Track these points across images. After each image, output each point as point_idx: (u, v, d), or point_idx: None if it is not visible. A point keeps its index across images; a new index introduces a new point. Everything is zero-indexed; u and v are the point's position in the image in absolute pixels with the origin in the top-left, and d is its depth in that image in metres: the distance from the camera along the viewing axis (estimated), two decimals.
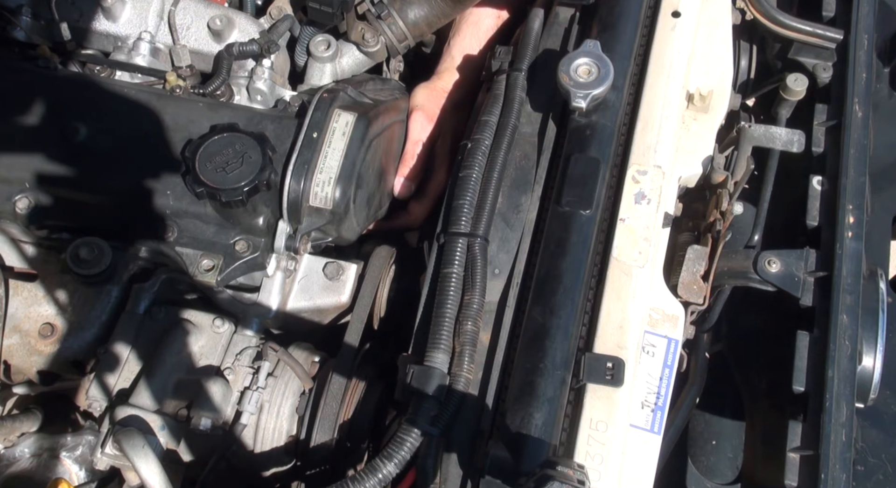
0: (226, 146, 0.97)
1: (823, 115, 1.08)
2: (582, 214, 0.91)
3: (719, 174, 0.99)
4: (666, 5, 1.06)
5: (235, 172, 0.95)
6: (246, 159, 0.96)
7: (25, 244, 1.07)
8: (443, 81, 1.25)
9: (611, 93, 0.96)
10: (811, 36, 1.12)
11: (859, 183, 1.00)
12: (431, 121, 1.21)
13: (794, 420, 0.92)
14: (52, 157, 0.99)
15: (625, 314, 0.87)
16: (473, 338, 0.87)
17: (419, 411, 0.83)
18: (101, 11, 1.17)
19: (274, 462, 1.04)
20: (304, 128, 1.02)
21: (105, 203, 1.01)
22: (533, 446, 0.80)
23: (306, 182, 0.99)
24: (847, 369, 0.90)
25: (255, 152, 0.96)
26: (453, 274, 0.90)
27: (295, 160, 0.99)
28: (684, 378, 1.00)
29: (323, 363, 1.07)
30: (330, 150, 1.01)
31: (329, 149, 1.01)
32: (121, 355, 1.02)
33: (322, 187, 1.00)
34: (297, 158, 0.99)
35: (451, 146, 1.20)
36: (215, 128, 0.99)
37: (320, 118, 1.02)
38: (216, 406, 0.98)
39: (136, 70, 1.14)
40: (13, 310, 1.04)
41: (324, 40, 1.17)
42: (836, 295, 0.93)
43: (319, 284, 1.09)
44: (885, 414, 1.13)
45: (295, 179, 0.99)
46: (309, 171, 0.99)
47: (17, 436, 1.05)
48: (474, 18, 1.28)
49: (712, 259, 0.92)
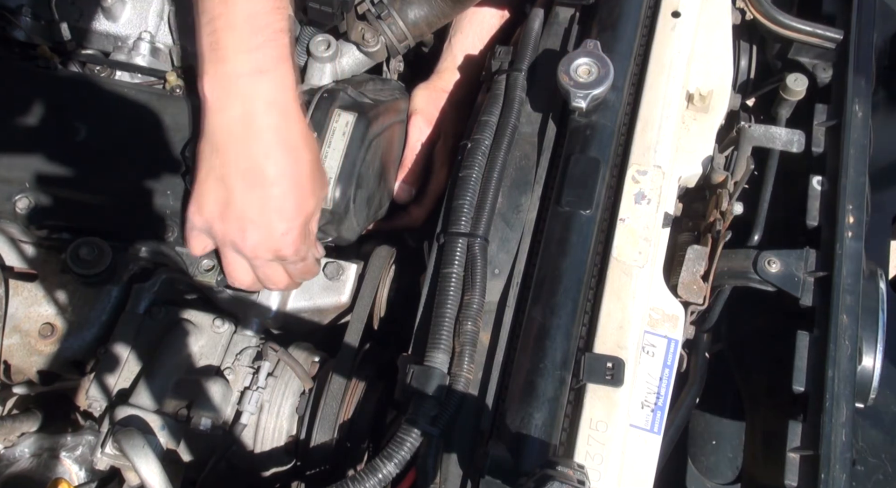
0: None
1: (823, 115, 1.08)
2: (582, 214, 0.91)
3: (719, 174, 0.99)
4: (666, 5, 1.06)
5: None
6: None
7: (25, 244, 1.07)
8: (443, 81, 1.24)
9: (611, 93, 0.96)
10: (811, 36, 1.12)
11: (859, 183, 1.00)
12: (430, 123, 1.20)
13: (794, 420, 0.92)
14: (52, 157, 0.99)
15: (625, 314, 0.87)
16: (473, 338, 0.87)
17: (419, 411, 0.83)
18: (101, 11, 1.17)
19: (274, 462, 1.04)
20: None
21: (105, 203, 1.01)
22: (533, 446, 0.80)
23: None
24: (847, 369, 0.90)
25: None
26: (453, 274, 0.90)
27: None
28: (684, 378, 1.00)
29: (323, 363, 1.07)
30: (330, 151, 1.01)
31: (329, 149, 1.01)
32: (121, 355, 1.02)
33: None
34: None
35: (452, 147, 1.19)
36: None
37: (320, 118, 1.02)
38: (216, 406, 0.98)
39: (136, 70, 1.14)
40: (13, 310, 1.04)
41: (324, 40, 1.17)
42: (836, 295, 0.93)
43: (319, 284, 1.09)
44: (885, 414, 1.13)
45: None
46: None
47: (17, 436, 1.05)
48: (477, 17, 1.27)
49: (712, 259, 0.92)
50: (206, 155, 0.91)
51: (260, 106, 0.88)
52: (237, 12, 0.87)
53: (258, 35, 0.88)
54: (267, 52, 0.88)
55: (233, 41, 0.87)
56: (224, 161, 0.89)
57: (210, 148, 0.90)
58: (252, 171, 0.88)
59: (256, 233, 0.90)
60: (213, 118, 0.89)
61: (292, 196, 0.90)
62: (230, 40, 0.87)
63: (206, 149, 0.90)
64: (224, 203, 0.90)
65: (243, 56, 0.88)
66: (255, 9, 0.87)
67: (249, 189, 0.88)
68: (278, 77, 0.89)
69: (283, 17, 0.90)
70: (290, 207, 0.90)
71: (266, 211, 0.89)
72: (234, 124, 0.88)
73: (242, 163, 0.88)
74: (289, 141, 0.90)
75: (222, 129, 0.89)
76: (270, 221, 0.89)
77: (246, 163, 0.88)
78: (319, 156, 0.95)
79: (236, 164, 0.88)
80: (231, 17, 0.87)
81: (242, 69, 0.88)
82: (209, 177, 0.90)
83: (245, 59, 0.88)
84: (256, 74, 0.88)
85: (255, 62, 0.88)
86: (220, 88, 0.89)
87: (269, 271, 0.95)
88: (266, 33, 0.88)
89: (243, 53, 0.88)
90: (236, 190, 0.89)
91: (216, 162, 0.89)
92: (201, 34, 0.89)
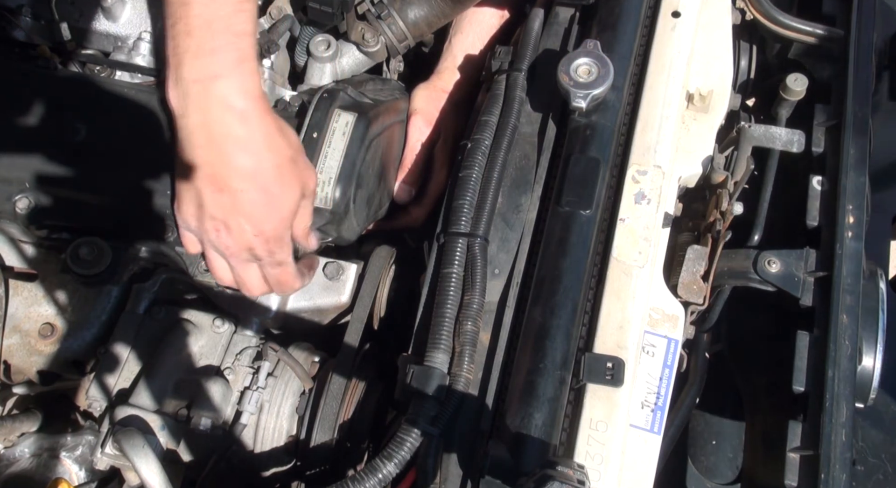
0: None
1: (823, 115, 1.08)
2: (582, 214, 0.91)
3: (719, 174, 0.99)
4: (666, 5, 1.06)
5: None
6: None
7: (25, 244, 1.07)
8: (443, 81, 1.24)
9: (611, 93, 0.96)
10: (811, 36, 1.13)
11: (859, 183, 1.00)
12: (430, 124, 1.20)
13: (794, 420, 0.92)
14: (52, 157, 0.99)
15: (625, 314, 0.87)
16: (473, 338, 0.87)
17: (419, 411, 0.83)
18: (101, 11, 1.17)
19: (274, 462, 1.04)
20: (304, 128, 1.02)
21: (105, 203, 1.01)
22: (533, 446, 0.80)
23: None
24: (847, 369, 0.90)
25: None
26: (453, 274, 0.90)
27: None
28: (684, 378, 1.00)
29: (323, 363, 1.07)
30: (330, 151, 1.01)
31: (329, 149, 1.01)
32: (121, 355, 1.02)
33: (322, 187, 1.00)
34: None
35: (451, 147, 1.19)
36: None
37: (320, 118, 1.02)
38: (216, 406, 0.98)
39: (136, 70, 1.14)
40: (13, 310, 1.04)
41: (324, 40, 1.17)
42: (836, 295, 0.93)
43: (319, 284, 1.09)
44: (885, 414, 1.13)
45: None
46: None
47: (17, 436, 1.05)
48: (477, 17, 1.27)
49: (712, 259, 0.92)
50: (179, 158, 0.92)
51: (216, 113, 0.87)
52: (195, 16, 0.86)
53: (215, 39, 0.86)
54: (223, 56, 0.87)
55: (189, 46, 0.86)
56: (193, 166, 0.89)
57: (181, 152, 0.91)
58: (216, 177, 0.88)
59: (228, 235, 0.91)
60: (177, 124, 0.90)
61: (259, 201, 0.89)
62: (187, 44, 0.87)
63: (178, 154, 0.92)
64: (197, 205, 0.91)
65: (198, 61, 0.87)
66: (213, 12, 0.86)
67: (217, 193, 0.89)
68: (235, 81, 0.87)
69: (244, 20, 0.88)
70: (258, 212, 0.90)
71: (235, 213, 0.89)
72: (195, 130, 0.88)
73: (206, 168, 0.89)
74: (250, 147, 0.88)
75: (185, 136, 0.89)
76: (240, 224, 0.90)
77: (209, 169, 0.89)
78: (291, 153, 0.93)
79: (202, 170, 0.89)
80: (188, 21, 0.86)
81: (198, 74, 0.87)
82: (184, 179, 0.91)
83: (200, 64, 0.87)
84: (211, 80, 0.87)
85: (210, 67, 0.86)
86: (180, 94, 0.88)
87: (244, 273, 0.96)
88: (224, 37, 0.86)
89: (199, 58, 0.86)
90: (205, 194, 0.89)
91: (187, 166, 0.90)
92: (166, 38, 0.89)
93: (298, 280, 1.01)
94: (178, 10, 0.87)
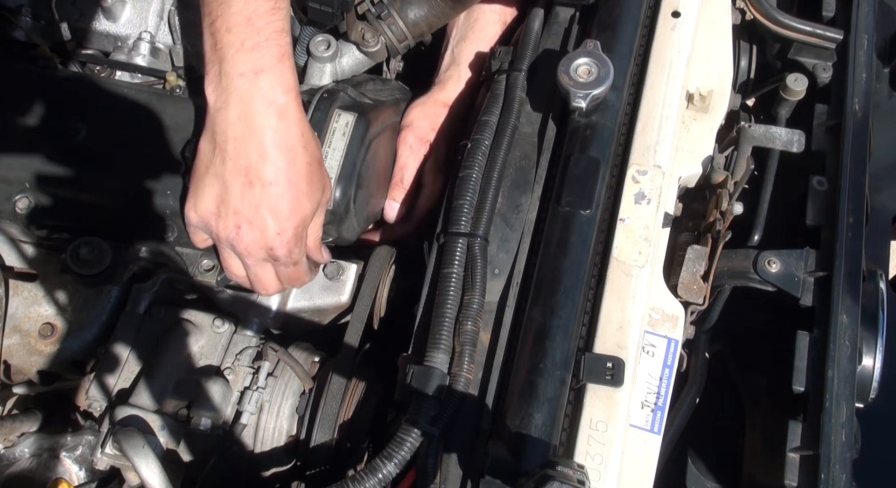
0: None
1: (823, 115, 1.08)
2: (582, 214, 0.91)
3: (719, 174, 0.99)
4: (666, 5, 1.06)
5: None
6: None
7: (25, 244, 1.07)
8: (446, 92, 1.21)
9: (611, 93, 0.96)
10: (811, 36, 1.13)
11: (859, 183, 1.00)
12: (421, 140, 1.17)
13: (794, 420, 0.92)
14: (52, 157, 0.99)
15: (625, 314, 0.87)
16: (473, 338, 0.87)
17: (419, 411, 0.83)
18: (101, 11, 1.17)
19: (274, 462, 1.04)
20: None
21: (105, 203, 1.01)
22: (533, 446, 0.80)
23: None
24: (847, 369, 0.90)
25: None
26: (453, 274, 0.90)
27: None
28: (684, 378, 1.00)
29: (323, 363, 1.07)
30: (330, 151, 1.01)
31: (329, 149, 1.01)
32: (121, 355, 1.02)
33: None
34: None
35: (443, 163, 1.16)
36: None
37: (320, 118, 1.02)
38: (216, 406, 0.98)
39: (136, 70, 1.14)
40: (13, 310, 1.04)
41: (324, 40, 1.17)
42: (836, 295, 0.93)
43: (319, 284, 1.09)
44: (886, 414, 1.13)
45: None
46: None
47: (17, 436, 1.05)
48: (481, 25, 1.25)
49: (712, 259, 0.92)
50: (205, 152, 0.92)
51: (258, 105, 0.89)
52: (234, 13, 0.88)
53: (256, 35, 0.89)
54: (265, 51, 0.89)
55: (231, 41, 0.89)
56: (223, 159, 0.90)
57: (210, 145, 0.91)
58: (249, 170, 0.89)
59: (250, 232, 0.91)
60: (213, 117, 0.91)
61: (288, 196, 0.90)
62: (229, 40, 0.89)
63: (207, 147, 0.92)
64: (220, 200, 0.91)
65: (242, 55, 0.89)
66: (253, 9, 0.89)
67: (246, 187, 0.89)
68: (277, 76, 0.90)
69: (282, 17, 0.91)
70: (285, 208, 0.90)
71: (261, 210, 0.90)
72: (234, 123, 0.89)
73: (241, 161, 0.89)
74: (287, 141, 0.90)
75: (222, 128, 0.90)
76: (265, 220, 0.90)
77: (244, 162, 0.89)
78: (320, 157, 0.95)
79: (234, 163, 0.89)
80: (229, 18, 0.88)
81: (241, 68, 0.89)
82: (207, 174, 0.91)
83: (243, 58, 0.89)
84: (255, 74, 0.89)
85: (254, 61, 0.89)
86: (220, 88, 0.90)
87: (260, 272, 0.96)
88: (264, 33, 0.89)
89: (242, 53, 0.89)
90: (233, 188, 0.89)
91: (215, 159, 0.90)
92: (204, 35, 0.91)
93: (309, 276, 1.02)
94: (217, 7, 0.89)
